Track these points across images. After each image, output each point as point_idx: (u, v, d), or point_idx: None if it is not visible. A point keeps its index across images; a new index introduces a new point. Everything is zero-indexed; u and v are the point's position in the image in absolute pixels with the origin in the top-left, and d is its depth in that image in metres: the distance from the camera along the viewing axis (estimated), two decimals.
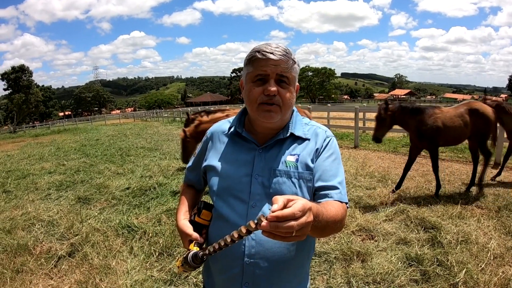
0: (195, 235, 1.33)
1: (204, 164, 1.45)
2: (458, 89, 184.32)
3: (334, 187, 1.30)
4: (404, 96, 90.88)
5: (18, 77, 53.45)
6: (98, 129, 26.51)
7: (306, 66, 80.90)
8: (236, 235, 0.96)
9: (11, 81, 53.48)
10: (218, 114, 6.03)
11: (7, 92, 55.23)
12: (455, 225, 4.39)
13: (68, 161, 10.65)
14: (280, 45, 1.28)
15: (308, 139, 1.38)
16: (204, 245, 1.37)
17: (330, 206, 1.17)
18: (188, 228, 1.36)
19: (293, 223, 0.83)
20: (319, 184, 1.31)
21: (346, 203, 1.30)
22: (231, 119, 1.51)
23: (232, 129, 1.42)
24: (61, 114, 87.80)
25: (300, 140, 1.38)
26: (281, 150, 1.35)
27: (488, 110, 5.89)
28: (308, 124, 1.44)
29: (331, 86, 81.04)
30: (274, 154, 1.35)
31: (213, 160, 1.42)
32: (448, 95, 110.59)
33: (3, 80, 54.07)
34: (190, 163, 1.62)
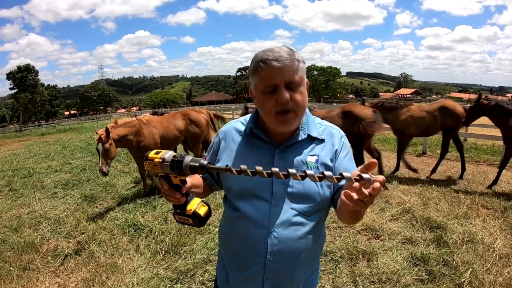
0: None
1: (218, 165, 1.39)
2: (464, 88, 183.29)
3: None
4: (410, 95, 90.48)
5: (24, 76, 53.61)
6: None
7: (312, 65, 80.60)
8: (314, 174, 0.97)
9: (16, 80, 53.61)
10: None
11: (13, 91, 55.45)
12: (460, 225, 4.38)
13: (74, 159, 10.68)
14: (282, 48, 1.28)
15: (324, 139, 1.42)
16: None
17: None
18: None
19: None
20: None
21: None
22: (244, 118, 1.52)
23: (247, 130, 1.43)
24: (67, 113, 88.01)
25: (317, 140, 1.41)
26: (300, 151, 1.38)
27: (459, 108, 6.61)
28: (322, 124, 1.47)
29: (337, 85, 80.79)
30: (293, 155, 1.37)
31: (228, 161, 1.42)
32: (453, 94, 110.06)
33: (9, 80, 54.21)
34: None
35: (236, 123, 1.51)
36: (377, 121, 5.85)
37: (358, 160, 5.77)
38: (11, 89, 55.09)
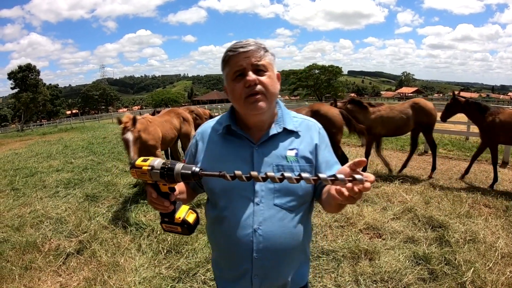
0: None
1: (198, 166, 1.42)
2: (465, 87, 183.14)
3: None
4: (412, 94, 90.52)
5: (25, 76, 53.61)
6: (105, 127, 26.58)
7: (313, 64, 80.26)
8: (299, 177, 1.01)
9: (18, 80, 53.62)
10: None
11: (14, 91, 55.49)
12: (462, 224, 4.37)
13: (75, 159, 10.68)
14: (249, 40, 1.34)
15: (300, 132, 1.44)
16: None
17: None
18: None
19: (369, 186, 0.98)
20: (327, 173, 1.35)
21: None
22: (219, 117, 1.52)
23: (224, 128, 1.43)
24: (68, 112, 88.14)
25: (293, 133, 1.42)
26: (278, 145, 1.39)
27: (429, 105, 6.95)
28: (297, 117, 1.49)
29: (338, 84, 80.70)
30: (271, 150, 1.38)
31: (208, 161, 1.42)
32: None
33: (10, 79, 54.23)
34: None
35: (212, 122, 1.52)
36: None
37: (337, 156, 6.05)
38: (12, 88, 55.12)
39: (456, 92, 6.76)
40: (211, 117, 8.19)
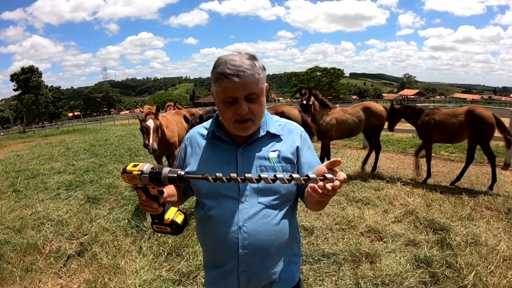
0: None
1: (186, 170, 1.48)
2: (467, 89, 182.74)
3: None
4: (413, 96, 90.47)
5: (28, 78, 53.74)
6: (107, 129, 26.63)
7: (315, 66, 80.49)
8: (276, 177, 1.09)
9: (20, 82, 53.79)
10: None
11: (16, 93, 55.63)
12: (464, 226, 4.36)
13: (77, 161, 10.70)
14: (244, 60, 1.30)
15: (283, 135, 1.50)
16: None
17: None
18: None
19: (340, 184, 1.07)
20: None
21: None
22: (207, 123, 1.58)
23: (210, 133, 1.50)
24: (71, 114, 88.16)
25: (276, 136, 1.49)
26: (261, 148, 1.46)
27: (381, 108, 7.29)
28: (279, 121, 1.57)
29: (340, 86, 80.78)
30: (255, 152, 1.44)
31: (195, 165, 1.49)
32: (457, 95, 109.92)
33: (12, 81, 54.43)
34: None
35: (200, 128, 1.58)
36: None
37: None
38: (15, 90, 55.29)
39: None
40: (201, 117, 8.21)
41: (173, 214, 1.36)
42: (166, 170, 1.21)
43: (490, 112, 6.07)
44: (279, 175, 1.07)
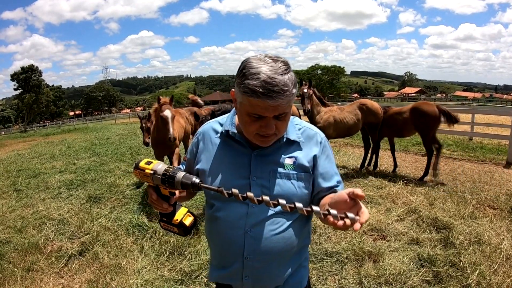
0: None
1: (197, 167, 1.45)
2: (468, 87, 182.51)
3: (337, 185, 1.41)
4: (415, 94, 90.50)
5: (28, 77, 53.69)
6: (108, 128, 26.68)
7: (316, 64, 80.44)
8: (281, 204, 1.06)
9: (21, 81, 53.75)
10: None
11: (17, 92, 55.64)
12: (467, 225, 4.33)
13: (78, 160, 10.70)
14: (279, 78, 1.15)
15: (302, 141, 1.42)
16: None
17: None
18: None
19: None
20: (324, 185, 1.40)
21: None
22: (221, 118, 1.50)
23: (224, 131, 1.42)
24: (72, 113, 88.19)
25: (294, 142, 1.41)
26: (277, 153, 1.38)
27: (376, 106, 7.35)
28: (300, 126, 1.47)
29: (341, 84, 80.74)
30: (270, 157, 1.37)
31: (207, 163, 1.43)
32: (458, 93, 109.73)
33: (13, 80, 54.37)
34: (182, 166, 1.58)
35: (214, 123, 1.50)
36: None
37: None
38: (15, 89, 55.28)
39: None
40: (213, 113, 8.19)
41: (182, 216, 1.33)
42: (180, 174, 1.18)
43: (434, 106, 6.62)
44: (298, 204, 1.03)
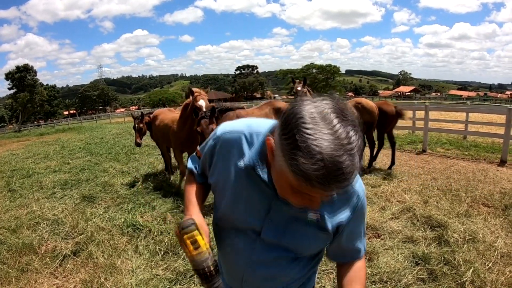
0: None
1: (211, 179, 1.28)
2: (463, 86, 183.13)
3: (360, 249, 1.30)
4: (409, 93, 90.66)
5: (23, 76, 53.39)
6: (103, 128, 26.57)
7: (311, 63, 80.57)
8: None
9: (15, 80, 53.43)
10: None
11: (11, 91, 55.33)
12: (461, 223, 4.35)
13: (73, 159, 10.67)
14: (347, 160, 0.79)
15: (335, 198, 1.15)
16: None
17: (361, 273, 1.28)
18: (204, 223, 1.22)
19: None
20: (347, 245, 1.27)
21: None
22: (253, 133, 1.18)
23: (249, 163, 1.13)
24: (66, 112, 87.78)
25: None
26: None
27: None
28: None
29: (336, 83, 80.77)
30: (293, 207, 1.03)
31: (221, 182, 1.23)
32: (453, 92, 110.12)
33: (7, 80, 54.03)
34: (197, 166, 1.39)
35: (242, 137, 1.18)
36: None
37: None
38: (9, 89, 54.97)
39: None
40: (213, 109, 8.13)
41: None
42: (218, 283, 1.11)
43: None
44: None
